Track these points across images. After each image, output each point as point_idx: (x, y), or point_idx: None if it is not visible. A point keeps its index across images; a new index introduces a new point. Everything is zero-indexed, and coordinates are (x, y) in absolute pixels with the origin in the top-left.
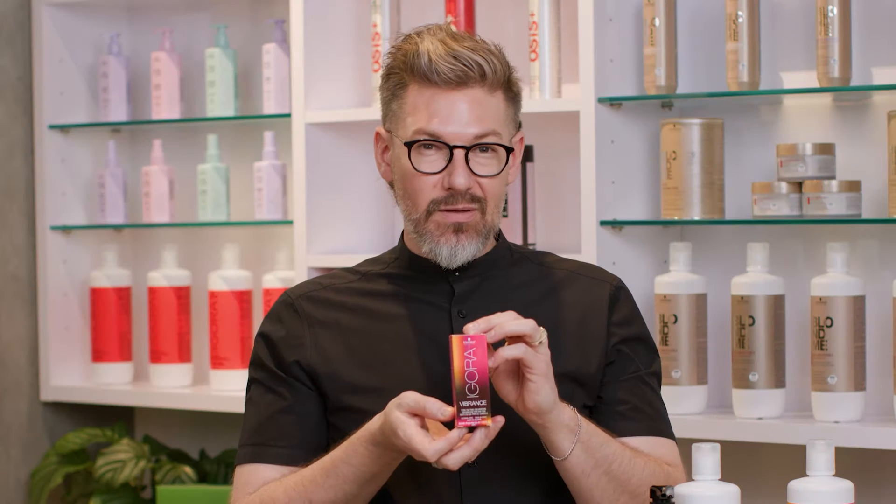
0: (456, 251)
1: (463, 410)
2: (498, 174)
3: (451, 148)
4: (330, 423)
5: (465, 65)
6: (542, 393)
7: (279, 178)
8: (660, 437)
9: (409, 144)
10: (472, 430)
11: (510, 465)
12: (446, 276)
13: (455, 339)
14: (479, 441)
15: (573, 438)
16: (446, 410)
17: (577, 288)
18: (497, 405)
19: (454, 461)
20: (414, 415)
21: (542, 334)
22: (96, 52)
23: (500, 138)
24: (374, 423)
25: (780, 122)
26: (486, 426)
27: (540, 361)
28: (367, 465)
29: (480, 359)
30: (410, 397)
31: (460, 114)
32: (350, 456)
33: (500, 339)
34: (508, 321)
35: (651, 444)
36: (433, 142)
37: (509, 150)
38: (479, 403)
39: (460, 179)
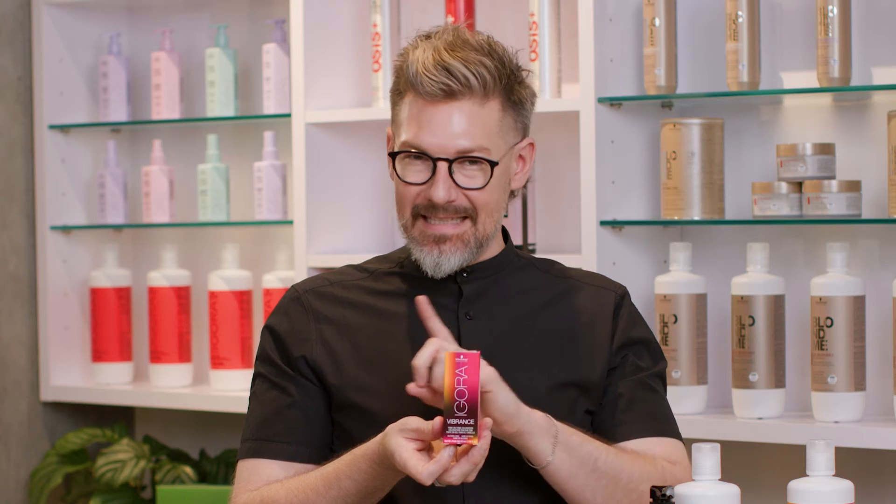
0: (440, 262)
1: (450, 428)
2: (483, 187)
3: (434, 160)
4: (334, 420)
5: (448, 79)
6: (499, 399)
7: (279, 178)
8: (664, 438)
9: (392, 155)
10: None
11: (513, 468)
12: (455, 278)
13: (448, 355)
14: (479, 455)
15: (552, 440)
16: (437, 427)
17: (582, 296)
18: None
19: (455, 477)
20: (415, 438)
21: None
22: (96, 52)
23: (489, 153)
24: (376, 443)
25: (780, 122)
26: (472, 445)
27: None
28: (370, 481)
29: (471, 377)
30: (413, 423)
31: (445, 127)
32: (353, 472)
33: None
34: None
35: (654, 444)
36: (419, 154)
37: (493, 165)
38: (466, 422)
39: (440, 193)
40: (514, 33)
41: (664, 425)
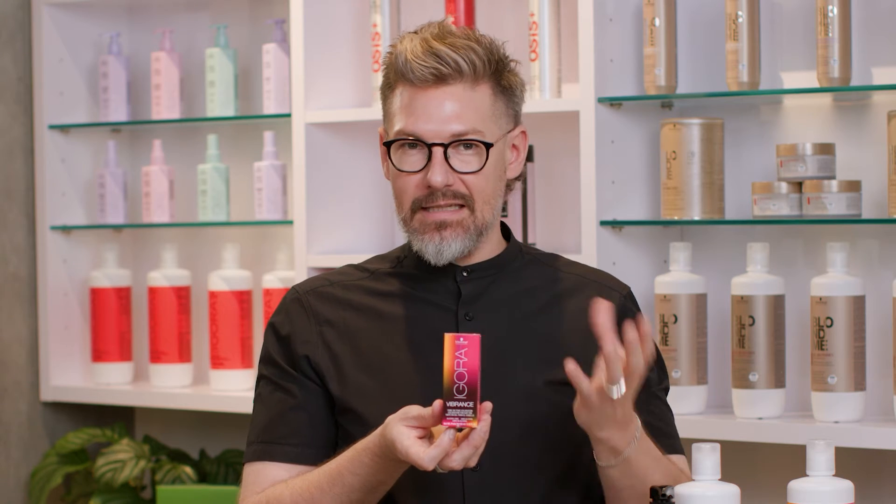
0: (441, 248)
1: (449, 411)
2: (479, 170)
3: (430, 146)
4: (338, 422)
5: (438, 63)
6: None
7: (279, 178)
8: (675, 455)
9: (387, 144)
10: (460, 431)
11: (513, 468)
12: (454, 277)
13: (448, 337)
14: (479, 438)
15: (613, 460)
16: (437, 411)
17: (585, 295)
18: (506, 410)
19: (457, 462)
20: (417, 426)
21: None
22: (96, 52)
23: (483, 135)
24: (377, 436)
25: (780, 122)
26: (471, 428)
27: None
28: (373, 474)
29: (472, 360)
30: (414, 411)
31: (438, 112)
32: (356, 466)
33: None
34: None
35: None
36: (413, 141)
37: (489, 146)
38: (465, 405)
39: (437, 177)
40: (514, 33)
41: (675, 442)
